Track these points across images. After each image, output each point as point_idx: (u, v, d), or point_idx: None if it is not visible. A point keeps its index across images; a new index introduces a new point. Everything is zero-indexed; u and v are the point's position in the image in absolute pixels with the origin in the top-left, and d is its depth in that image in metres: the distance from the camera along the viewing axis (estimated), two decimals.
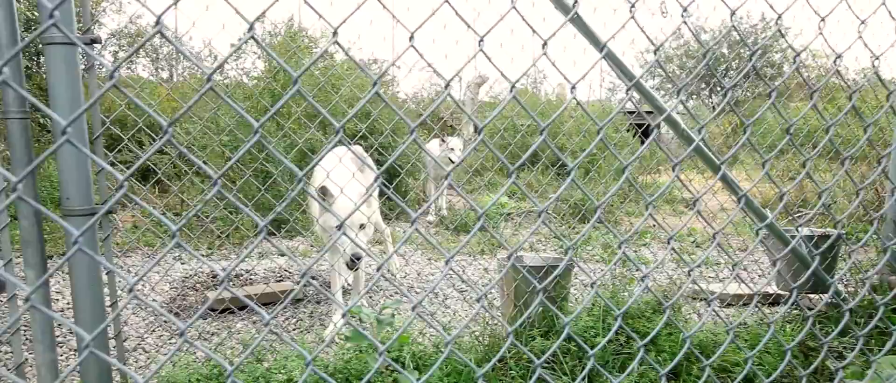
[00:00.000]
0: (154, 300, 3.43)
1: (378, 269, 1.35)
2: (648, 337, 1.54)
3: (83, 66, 1.97)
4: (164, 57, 11.95)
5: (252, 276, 3.95)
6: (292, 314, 3.25)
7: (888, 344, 1.68)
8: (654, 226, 5.11)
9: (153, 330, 2.99)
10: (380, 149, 6.12)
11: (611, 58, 2.06)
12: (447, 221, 5.91)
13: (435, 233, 5.60)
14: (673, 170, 1.55)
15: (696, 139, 2.04)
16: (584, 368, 2.45)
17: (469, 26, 1.19)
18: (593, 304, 2.67)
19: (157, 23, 0.79)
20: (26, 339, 2.71)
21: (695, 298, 3.28)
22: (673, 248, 1.59)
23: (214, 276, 3.78)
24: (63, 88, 1.84)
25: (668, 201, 6.20)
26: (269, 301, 3.34)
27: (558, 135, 7.28)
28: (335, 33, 0.87)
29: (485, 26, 1.11)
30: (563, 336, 1.31)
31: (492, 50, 1.22)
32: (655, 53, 1.18)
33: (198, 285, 3.67)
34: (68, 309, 3.12)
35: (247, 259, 4.60)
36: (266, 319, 0.84)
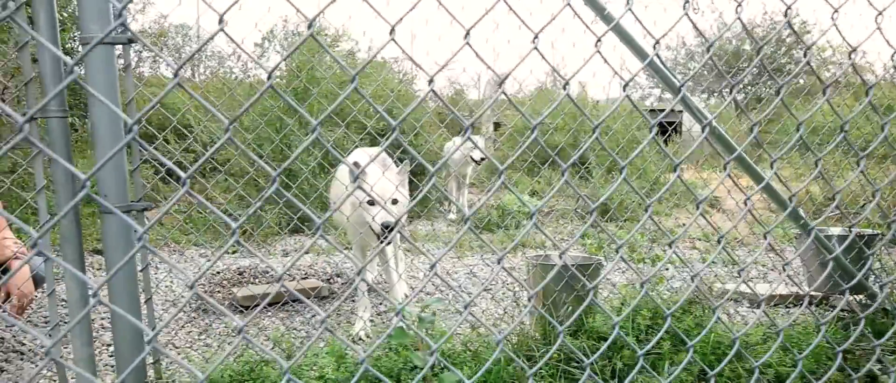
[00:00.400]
0: (181, 296, 3.48)
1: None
2: (695, 339, 1.52)
3: (121, 66, 2.00)
4: (186, 55, 12.10)
5: (275, 274, 3.98)
6: (321, 310, 3.27)
7: None
8: (683, 224, 5.05)
9: (182, 326, 3.03)
10: (398, 146, 6.14)
11: (653, 66, 2.03)
12: (469, 219, 5.89)
13: (456, 231, 5.60)
14: (724, 168, 1.53)
15: (738, 149, 2.00)
16: (613, 368, 2.44)
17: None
18: (621, 304, 2.64)
19: (220, 20, 0.80)
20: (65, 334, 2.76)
21: (729, 299, 3.23)
22: (724, 248, 1.57)
23: (241, 273, 3.81)
24: (102, 87, 1.87)
25: (692, 200, 6.12)
26: (297, 298, 3.36)
27: (582, 133, 7.23)
28: (392, 31, 0.87)
29: (513, 23, 1.10)
30: (611, 337, 1.30)
31: (505, 48, 1.21)
32: (709, 49, 1.17)
33: (224, 282, 3.71)
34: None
35: (272, 256, 4.64)
36: (321, 316, 0.84)
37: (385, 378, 2.09)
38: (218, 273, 3.86)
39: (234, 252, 4.63)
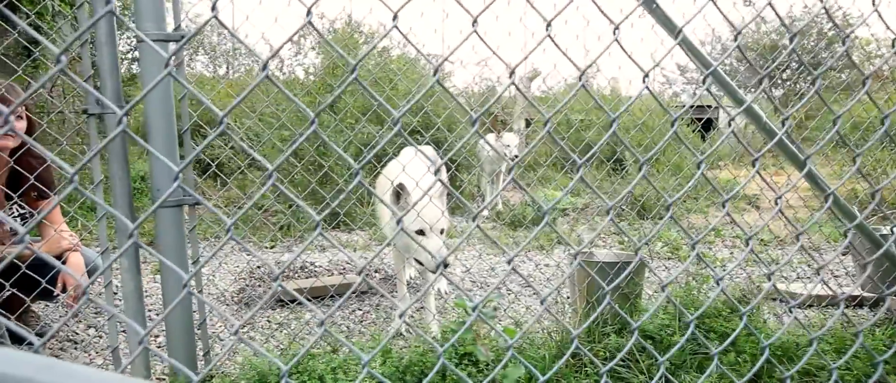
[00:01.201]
0: (226, 290, 3.54)
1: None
2: (727, 341, 1.49)
3: (174, 63, 2.04)
4: (222, 53, 12.30)
5: (314, 269, 4.02)
6: (358, 306, 3.30)
7: None
8: (728, 224, 4.95)
9: (224, 319, 3.08)
10: (435, 143, 6.14)
11: (686, 43, 1.99)
12: (503, 217, 5.88)
13: (491, 228, 5.58)
14: (753, 165, 1.49)
15: (779, 132, 1.95)
16: (660, 367, 2.40)
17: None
18: (668, 302, 2.60)
19: (308, 13, 0.80)
20: (120, 325, 2.83)
21: (773, 298, 3.16)
22: (752, 250, 1.53)
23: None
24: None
25: (731, 198, 6.00)
26: (343, 292, 3.40)
27: (618, 131, 7.13)
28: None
29: (543, 16, 1.08)
30: (629, 344, 1.28)
31: (534, 42, 1.19)
32: (736, 37, 1.13)
33: (265, 276, 3.76)
34: (152, 290, 3.24)
35: (308, 251, 4.68)
36: (401, 310, 0.84)
37: (431, 372, 2.10)
38: (259, 267, 3.92)
39: (272, 247, 4.70)
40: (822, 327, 2.57)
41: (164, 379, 2.35)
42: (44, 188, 2.38)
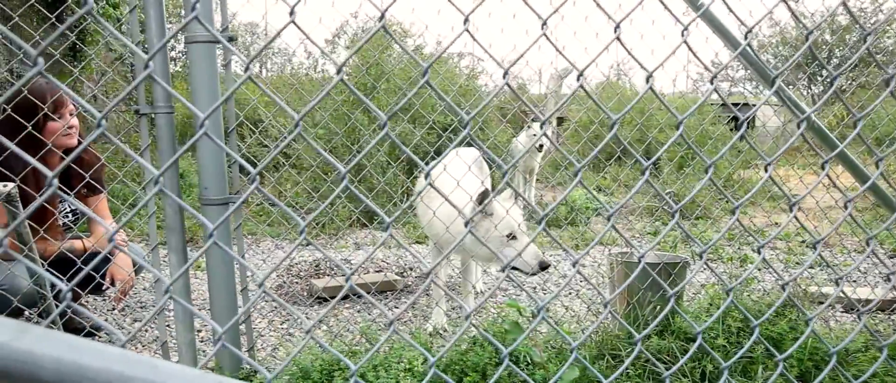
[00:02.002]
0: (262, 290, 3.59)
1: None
2: (786, 353, 1.45)
3: (221, 64, 2.08)
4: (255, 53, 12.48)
5: (350, 267, 4.06)
6: (395, 305, 3.32)
7: None
8: (770, 225, 4.84)
9: (265, 316, 3.13)
10: (467, 144, 6.14)
11: (746, 56, 1.95)
12: (536, 215, 5.84)
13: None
14: (822, 168, 1.44)
15: (840, 146, 1.89)
16: (702, 370, 2.36)
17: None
18: (710, 304, 2.56)
19: (382, 18, 0.81)
20: (167, 322, 2.90)
21: (820, 302, 3.08)
22: (820, 254, 1.49)
23: (317, 265, 3.91)
24: (204, 84, 1.95)
25: (770, 198, 5.87)
26: (385, 289, 3.43)
27: (650, 128, 7.04)
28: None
29: (571, 16, 1.06)
30: (695, 345, 1.25)
31: (567, 39, 1.17)
32: (808, 38, 1.10)
33: (302, 273, 3.81)
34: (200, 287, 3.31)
35: (343, 250, 4.73)
36: (468, 311, 0.84)
37: (470, 372, 2.10)
38: (295, 265, 3.97)
39: (307, 245, 4.75)
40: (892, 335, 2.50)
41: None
42: (96, 184, 2.45)
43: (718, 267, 4.08)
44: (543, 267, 2.43)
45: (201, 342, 2.78)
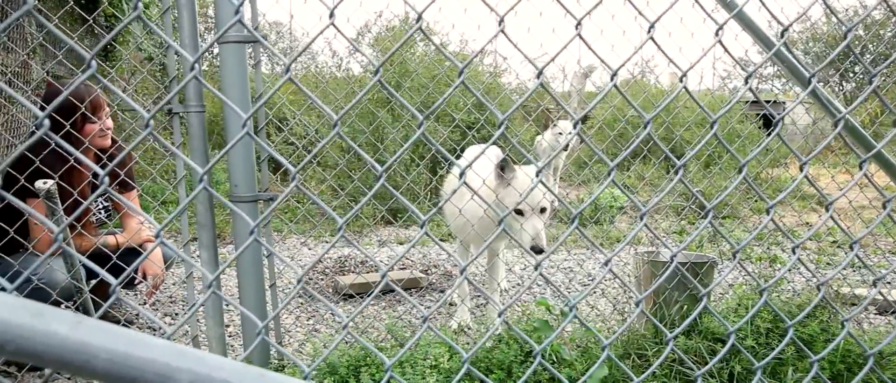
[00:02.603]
0: (290, 283, 3.64)
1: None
2: (820, 354, 1.43)
3: (251, 63, 2.11)
4: (282, 51, 12.62)
5: (377, 263, 4.09)
6: (420, 302, 3.34)
7: None
8: (801, 225, 4.75)
9: (290, 312, 3.17)
10: (486, 141, 6.13)
11: (780, 56, 1.92)
12: (560, 213, 5.82)
13: (549, 225, 5.53)
14: (860, 167, 1.42)
15: (877, 146, 1.85)
16: (730, 371, 2.33)
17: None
18: (739, 304, 2.53)
19: (419, 19, 0.82)
20: (198, 317, 2.96)
21: (853, 303, 3.02)
22: (857, 255, 1.46)
23: (343, 262, 3.95)
24: (235, 83, 1.98)
25: (801, 198, 5.76)
26: (410, 286, 3.46)
27: (677, 126, 6.96)
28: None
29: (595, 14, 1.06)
30: (727, 346, 1.24)
31: (593, 37, 1.17)
32: (846, 35, 1.08)
33: (327, 270, 3.85)
34: (229, 282, 3.37)
35: (367, 246, 4.77)
36: (498, 309, 0.85)
37: (496, 369, 2.11)
38: (320, 261, 4.01)
39: (338, 241, 4.80)
40: None
41: None
42: (128, 180, 2.51)
43: (748, 267, 4.02)
44: (535, 250, 2.35)
45: (229, 337, 2.83)
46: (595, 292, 3.44)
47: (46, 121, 0.65)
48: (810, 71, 2.01)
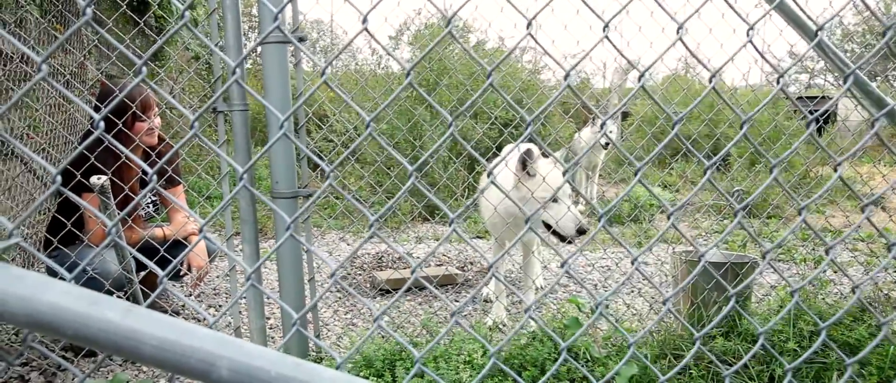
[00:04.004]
0: (328, 278, 3.72)
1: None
2: (866, 349, 1.39)
3: (292, 63, 2.17)
4: (322, 50, 12.82)
5: (415, 259, 4.14)
6: (455, 298, 3.37)
7: None
8: (836, 225, 4.60)
9: (329, 305, 3.24)
10: (532, 137, 6.11)
11: (822, 46, 1.87)
12: (596, 213, 5.77)
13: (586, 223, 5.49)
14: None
15: None
16: (771, 374, 2.29)
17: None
18: (780, 306, 2.47)
19: (448, 23, 0.84)
20: (240, 310, 3.06)
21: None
22: (832, 259, 1.42)
23: (380, 258, 4.00)
24: (276, 83, 2.04)
25: (850, 198, 5.55)
26: (446, 283, 3.49)
27: (719, 124, 6.80)
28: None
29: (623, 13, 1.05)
30: (755, 348, 1.23)
31: (631, 34, 1.16)
32: (885, 33, 1.06)
33: (365, 265, 3.91)
34: (269, 277, 3.47)
35: (404, 243, 4.82)
36: (528, 306, 0.87)
37: (530, 367, 2.12)
38: (358, 257, 4.08)
39: (372, 237, 4.87)
40: None
41: None
42: (175, 176, 2.61)
43: (791, 268, 3.91)
44: (581, 231, 2.41)
45: (270, 329, 2.91)
46: (632, 291, 3.40)
47: (101, 123, 0.69)
48: (854, 66, 1.96)
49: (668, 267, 3.80)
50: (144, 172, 2.67)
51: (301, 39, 2.15)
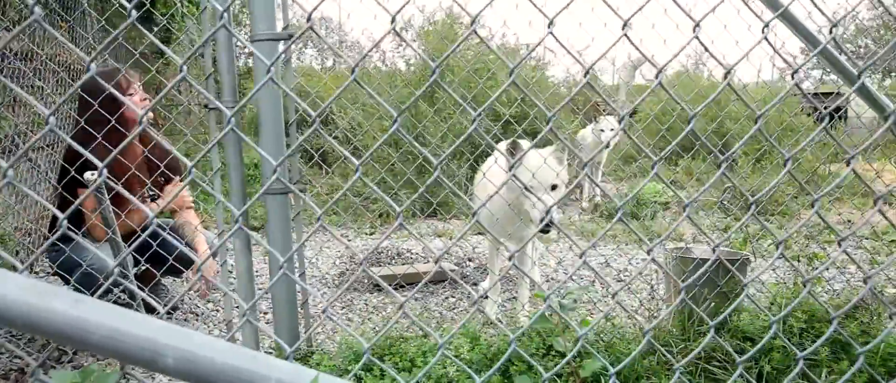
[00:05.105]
0: (327, 273, 3.75)
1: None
2: (869, 344, 1.39)
3: (282, 60, 2.20)
4: (328, 47, 12.88)
5: (411, 255, 4.17)
6: (451, 293, 3.39)
7: None
8: (847, 222, 4.56)
9: (326, 300, 3.28)
10: (532, 135, 6.11)
11: (827, 54, 1.86)
12: (601, 208, 5.76)
13: (589, 220, 5.49)
14: (848, 163, 1.37)
15: None
16: (760, 371, 2.28)
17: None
18: (772, 303, 2.46)
19: (473, 22, 0.86)
20: (234, 306, 3.10)
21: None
22: (844, 251, 1.43)
23: (379, 254, 4.03)
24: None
25: (863, 195, 5.51)
26: (437, 279, 3.51)
27: (725, 120, 6.76)
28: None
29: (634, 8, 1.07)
30: (760, 344, 1.23)
31: (643, 31, 1.18)
32: (831, 31, 1.06)
33: (364, 261, 3.94)
34: (259, 273, 3.52)
35: (405, 239, 4.85)
36: (475, 297, 0.88)
37: (516, 361, 2.13)
38: (355, 253, 4.11)
39: (371, 234, 4.90)
40: None
41: (271, 352, 2.54)
42: (170, 174, 2.64)
43: (785, 265, 3.89)
44: (545, 227, 2.39)
45: (267, 323, 2.95)
46: (626, 288, 3.40)
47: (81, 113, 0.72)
48: (859, 67, 1.95)
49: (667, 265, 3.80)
50: (139, 170, 2.71)
51: (289, 37, 2.18)
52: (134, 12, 0.77)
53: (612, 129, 5.69)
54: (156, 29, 5.28)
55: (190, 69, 5.61)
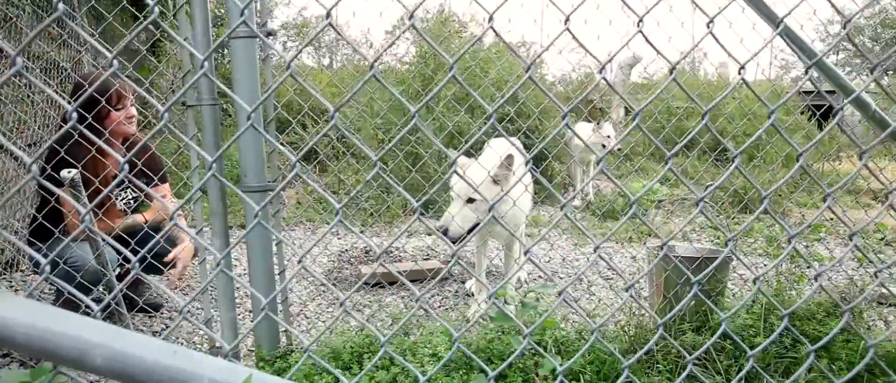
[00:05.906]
0: (316, 271, 3.74)
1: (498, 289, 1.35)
2: (821, 342, 1.39)
3: (261, 57, 2.19)
4: (326, 45, 12.87)
5: (401, 254, 4.16)
6: (438, 292, 3.38)
7: None
8: (832, 219, 4.56)
9: (313, 299, 3.27)
10: (528, 132, 6.10)
11: (788, 33, 1.86)
12: (594, 207, 5.75)
13: (581, 218, 5.48)
14: (860, 157, 1.37)
15: (892, 123, 1.77)
16: (740, 368, 2.28)
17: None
18: (754, 301, 2.46)
19: (490, 19, 0.85)
20: (213, 299, 3.10)
21: (881, 303, 2.89)
22: (856, 246, 1.43)
23: (368, 252, 4.03)
24: (245, 77, 2.06)
25: (850, 192, 5.50)
26: (417, 278, 3.50)
27: (719, 118, 6.74)
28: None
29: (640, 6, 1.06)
30: (718, 333, 1.23)
31: (647, 28, 1.18)
32: (845, 26, 1.05)
33: (352, 259, 3.94)
34: (244, 274, 3.51)
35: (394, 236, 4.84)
36: (417, 295, 0.88)
37: (495, 360, 2.13)
38: (346, 251, 4.10)
39: (362, 232, 4.89)
40: None
41: (252, 353, 2.54)
42: (152, 175, 2.63)
43: (766, 262, 3.88)
44: (443, 231, 2.59)
45: (243, 321, 2.94)
46: (606, 286, 3.40)
47: (74, 114, 0.71)
48: (861, 76, 1.95)
49: (643, 262, 3.79)
50: (127, 165, 2.70)
51: (268, 34, 2.17)
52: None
53: (608, 136, 5.67)
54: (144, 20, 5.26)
55: (167, 66, 5.59)
